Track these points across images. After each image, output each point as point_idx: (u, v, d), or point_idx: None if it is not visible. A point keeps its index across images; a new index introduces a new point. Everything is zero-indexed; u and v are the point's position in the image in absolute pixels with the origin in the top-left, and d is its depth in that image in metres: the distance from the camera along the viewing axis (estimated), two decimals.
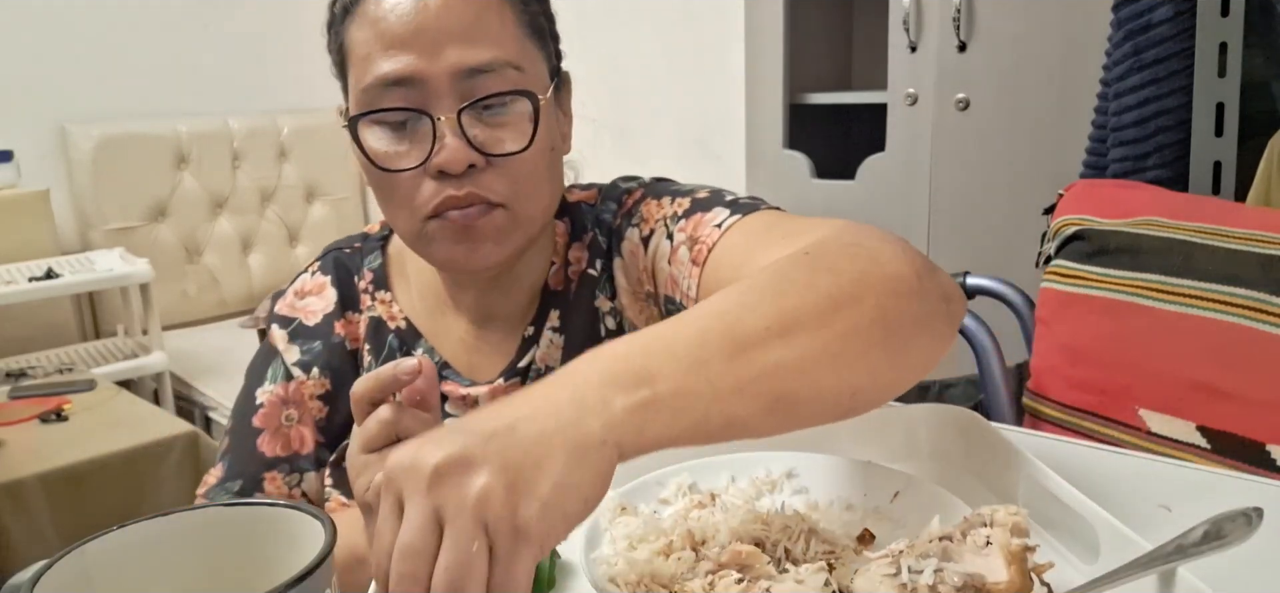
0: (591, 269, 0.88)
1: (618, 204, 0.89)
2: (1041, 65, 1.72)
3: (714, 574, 0.53)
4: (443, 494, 0.43)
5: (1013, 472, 0.64)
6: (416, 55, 0.74)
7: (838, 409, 0.56)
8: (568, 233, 0.90)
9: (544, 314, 0.88)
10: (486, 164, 0.76)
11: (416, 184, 0.77)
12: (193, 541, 0.48)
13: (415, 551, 0.43)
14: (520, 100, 0.76)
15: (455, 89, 0.75)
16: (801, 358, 0.54)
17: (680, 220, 0.80)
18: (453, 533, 0.43)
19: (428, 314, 0.90)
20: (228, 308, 3.50)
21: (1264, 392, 0.93)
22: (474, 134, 0.75)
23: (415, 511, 0.44)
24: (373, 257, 0.93)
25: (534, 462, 0.44)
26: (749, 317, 0.55)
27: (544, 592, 0.58)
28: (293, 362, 0.89)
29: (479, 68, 0.75)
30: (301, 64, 3.70)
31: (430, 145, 0.75)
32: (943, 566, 0.50)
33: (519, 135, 0.76)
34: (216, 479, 0.87)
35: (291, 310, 0.92)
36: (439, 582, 0.42)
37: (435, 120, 0.74)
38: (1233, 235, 1.03)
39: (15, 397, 2.27)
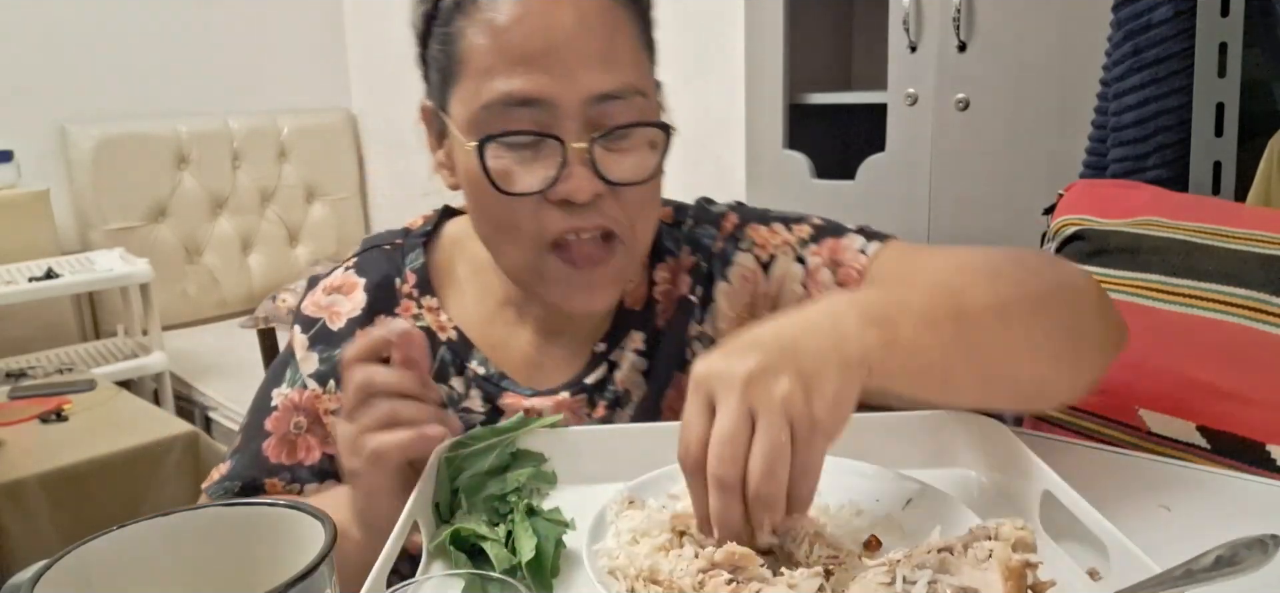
0: (691, 295, 0.86)
1: (715, 227, 0.88)
2: (1041, 65, 1.72)
3: (706, 573, 0.53)
4: (754, 394, 0.53)
5: (1032, 483, 0.64)
6: (550, 76, 0.70)
7: (1024, 396, 0.68)
8: (648, 252, 0.88)
9: (621, 334, 0.86)
10: (608, 191, 0.73)
11: (537, 208, 0.73)
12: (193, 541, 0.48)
13: (734, 436, 0.52)
14: (647, 128, 0.74)
15: (584, 114, 0.71)
16: (1011, 342, 0.65)
17: (809, 245, 0.85)
18: (765, 424, 0.52)
19: (483, 322, 0.86)
20: (228, 308, 3.50)
21: (1264, 392, 0.93)
22: (599, 161, 0.72)
23: (731, 407, 0.53)
24: (414, 256, 0.88)
25: (818, 371, 0.55)
26: (972, 294, 0.66)
27: (547, 580, 0.58)
28: (309, 372, 0.85)
29: (610, 94, 0.72)
30: (301, 64, 3.70)
31: (556, 172, 0.71)
32: (937, 577, 0.50)
33: (643, 164, 0.74)
34: (220, 476, 0.85)
35: (317, 310, 0.87)
36: (756, 462, 0.52)
37: (565, 147, 0.71)
38: (1233, 235, 1.03)
39: (15, 397, 2.26)
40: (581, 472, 0.70)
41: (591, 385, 0.84)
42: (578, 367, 0.85)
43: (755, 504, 0.52)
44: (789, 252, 0.85)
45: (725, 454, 0.53)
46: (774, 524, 0.53)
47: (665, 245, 0.88)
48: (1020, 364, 0.67)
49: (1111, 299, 0.76)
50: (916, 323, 0.61)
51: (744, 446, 0.53)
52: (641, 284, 0.87)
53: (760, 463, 0.52)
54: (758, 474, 0.52)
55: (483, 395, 0.84)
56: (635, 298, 0.87)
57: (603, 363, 0.85)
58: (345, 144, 3.77)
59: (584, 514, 0.61)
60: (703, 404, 0.55)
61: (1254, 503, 0.70)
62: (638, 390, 0.85)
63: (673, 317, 0.86)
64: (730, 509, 0.53)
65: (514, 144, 0.72)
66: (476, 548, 0.60)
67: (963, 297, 0.65)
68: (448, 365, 0.84)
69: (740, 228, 0.88)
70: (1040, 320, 0.68)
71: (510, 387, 0.84)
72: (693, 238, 0.89)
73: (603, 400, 0.84)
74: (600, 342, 0.86)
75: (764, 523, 0.53)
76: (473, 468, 0.66)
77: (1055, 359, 0.70)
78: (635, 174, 0.74)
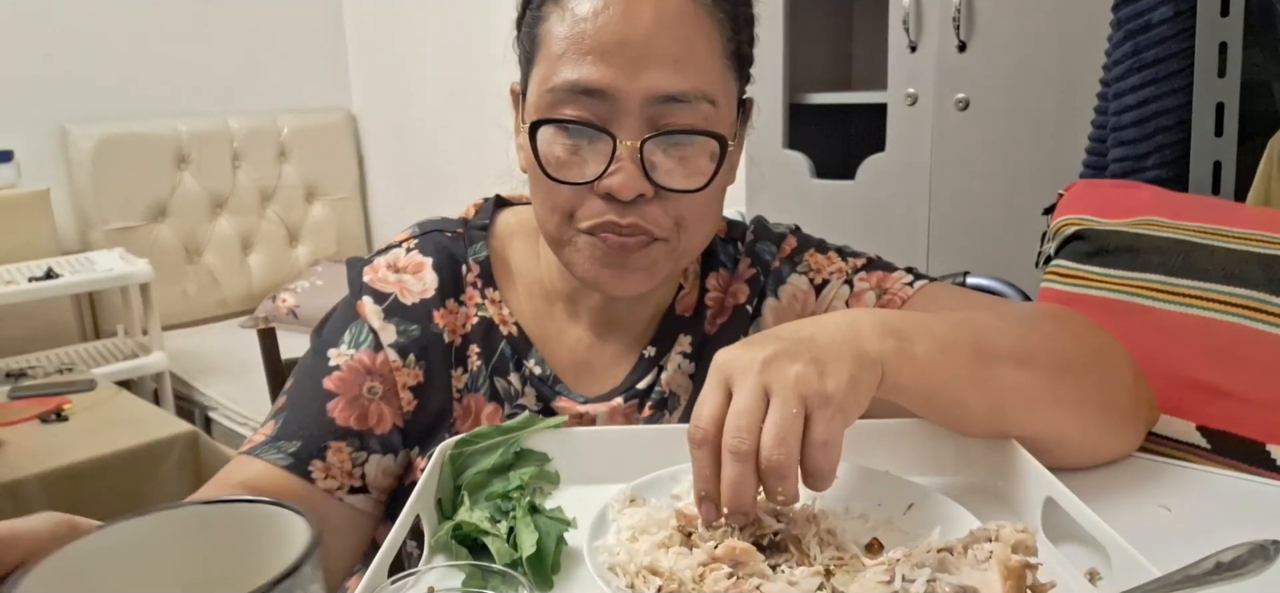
0: (748, 305, 0.87)
1: (775, 245, 0.90)
2: (1041, 65, 1.72)
3: (706, 567, 0.53)
4: (769, 375, 0.57)
5: (1034, 489, 0.64)
6: (615, 69, 0.70)
7: (1043, 446, 0.69)
8: (700, 261, 0.89)
9: (670, 338, 0.86)
10: (655, 194, 0.73)
11: (580, 196, 0.74)
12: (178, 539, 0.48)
13: (749, 410, 0.56)
14: (706, 138, 0.73)
15: (644, 112, 0.71)
16: (1030, 389, 0.68)
17: (861, 272, 0.87)
18: (778, 401, 0.56)
19: (536, 318, 0.86)
20: (228, 308, 3.50)
21: (1264, 392, 0.93)
22: (652, 161, 0.72)
23: (747, 387, 0.57)
24: (478, 247, 0.87)
25: (833, 358, 0.58)
26: (995, 336, 0.69)
27: (548, 576, 0.58)
28: (388, 342, 0.81)
29: (674, 96, 0.71)
30: (301, 64, 3.71)
31: (605, 164, 0.72)
32: (936, 576, 0.50)
33: (696, 173, 0.74)
34: (266, 437, 0.79)
35: (385, 285, 0.84)
36: (768, 432, 0.55)
37: (616, 142, 0.71)
38: (1233, 235, 1.03)
39: (15, 397, 2.26)
40: (585, 472, 0.71)
41: (642, 391, 0.84)
42: (625, 371, 0.85)
43: (767, 473, 0.54)
44: (841, 276, 0.87)
45: (741, 426, 0.55)
46: (787, 494, 0.55)
47: (719, 257, 0.90)
48: (1038, 413, 0.69)
49: (1145, 379, 0.80)
50: (932, 344, 0.64)
51: (758, 419, 0.55)
52: (692, 291, 0.88)
53: (772, 432, 0.55)
54: (769, 443, 0.54)
55: (537, 395, 0.84)
56: (685, 305, 0.88)
57: (653, 368, 0.85)
58: (345, 144, 3.77)
59: (586, 514, 0.61)
60: (718, 386, 0.58)
61: (1254, 503, 0.70)
62: (684, 393, 0.85)
63: (727, 323, 0.87)
64: (744, 479, 0.55)
65: (570, 132, 0.73)
66: (479, 544, 0.60)
67: (986, 334, 0.68)
68: (507, 360, 0.84)
69: (799, 251, 0.90)
70: (1067, 378, 0.70)
71: (564, 392, 0.84)
72: (753, 251, 0.90)
73: (650, 403, 0.84)
74: (649, 346, 0.86)
75: (775, 492, 0.54)
76: (476, 466, 0.66)
77: (1080, 418, 0.72)
78: (687, 182, 0.73)
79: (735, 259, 0.90)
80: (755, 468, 0.55)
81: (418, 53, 3.44)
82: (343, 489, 0.79)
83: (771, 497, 0.55)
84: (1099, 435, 0.74)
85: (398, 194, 3.79)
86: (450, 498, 0.65)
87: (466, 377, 0.83)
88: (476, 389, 0.83)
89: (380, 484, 0.82)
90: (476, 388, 0.83)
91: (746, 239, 0.91)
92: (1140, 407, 0.78)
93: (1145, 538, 0.53)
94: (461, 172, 3.29)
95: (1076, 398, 0.71)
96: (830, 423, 0.56)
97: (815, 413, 0.56)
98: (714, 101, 0.74)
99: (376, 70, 3.72)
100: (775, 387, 0.56)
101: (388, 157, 3.79)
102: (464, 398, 0.83)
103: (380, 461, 0.81)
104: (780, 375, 0.56)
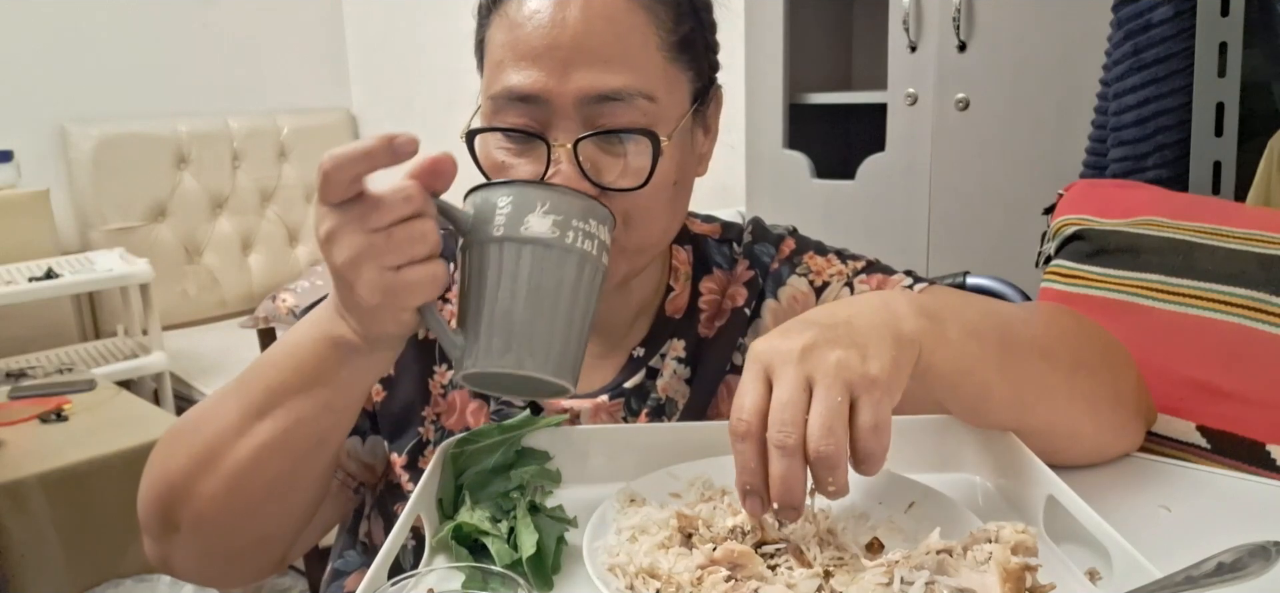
0: (746, 307, 0.87)
1: (774, 247, 0.90)
2: (1041, 65, 1.72)
3: (704, 570, 0.53)
4: (811, 364, 0.55)
5: (1036, 487, 0.64)
6: (545, 73, 0.71)
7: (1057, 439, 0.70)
8: (691, 262, 0.88)
9: (661, 341, 0.85)
10: (599, 193, 0.72)
11: None
12: None
13: (793, 402, 0.54)
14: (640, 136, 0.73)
15: (579, 113, 0.71)
16: (1051, 381, 0.68)
17: (861, 275, 0.87)
18: (822, 390, 0.54)
19: None
20: (228, 308, 3.50)
21: (1264, 392, 0.93)
22: (590, 161, 0.72)
23: (789, 377, 0.55)
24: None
25: (874, 340, 0.57)
26: (1020, 328, 0.69)
27: (548, 576, 0.58)
28: None
29: (607, 94, 0.71)
30: (301, 64, 3.71)
31: (544, 168, 0.72)
32: (935, 578, 0.50)
33: (636, 172, 0.73)
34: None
35: None
36: (815, 423, 0.54)
37: (550, 147, 0.71)
38: (1233, 235, 1.03)
39: (15, 397, 2.26)
40: (586, 471, 0.71)
41: (630, 390, 0.84)
42: (612, 372, 0.85)
43: (816, 465, 0.53)
44: (842, 279, 0.87)
45: (786, 418, 0.54)
46: (838, 485, 0.54)
47: (713, 259, 0.89)
48: (1056, 405, 0.70)
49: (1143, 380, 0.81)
50: (963, 329, 0.64)
51: (803, 411, 0.54)
52: (683, 293, 0.87)
53: (819, 422, 0.54)
54: (816, 434, 0.53)
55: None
56: (676, 306, 0.87)
57: (641, 369, 0.85)
58: (345, 144, 3.77)
59: (587, 513, 0.61)
60: (759, 377, 0.57)
61: (1254, 503, 0.70)
62: (681, 398, 0.85)
63: (725, 325, 0.87)
64: (793, 473, 0.53)
65: (512, 139, 0.73)
66: (479, 544, 0.60)
67: (1011, 325, 0.69)
68: None
69: (797, 253, 0.89)
70: (1083, 373, 0.71)
71: None
72: (751, 253, 0.89)
73: (645, 409, 0.84)
74: (638, 347, 0.85)
75: (826, 483, 0.54)
76: (478, 465, 0.66)
77: (1093, 413, 0.73)
78: (627, 179, 0.72)
79: (732, 261, 0.89)
80: (804, 461, 0.54)
81: (418, 53, 3.44)
82: None
83: (822, 488, 0.54)
84: (1110, 432, 0.75)
85: None
86: (451, 497, 0.65)
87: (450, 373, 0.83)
88: (460, 386, 0.83)
89: (346, 467, 0.83)
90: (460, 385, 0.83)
91: (743, 241, 0.90)
92: (1143, 406, 0.79)
93: (1145, 538, 0.53)
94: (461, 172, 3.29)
95: (1092, 393, 0.72)
96: (878, 406, 0.55)
97: (861, 397, 0.55)
98: (652, 97, 0.73)
99: (376, 70, 3.72)
100: (818, 375, 0.55)
101: None
102: (448, 394, 0.83)
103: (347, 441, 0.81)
104: (822, 363, 0.55)
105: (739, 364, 0.86)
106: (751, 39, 2.12)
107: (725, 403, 0.85)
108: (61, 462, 1.92)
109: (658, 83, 0.74)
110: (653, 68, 0.73)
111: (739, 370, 0.86)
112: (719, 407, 0.85)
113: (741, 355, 0.87)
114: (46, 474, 1.89)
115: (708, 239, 0.90)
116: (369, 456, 0.84)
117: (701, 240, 0.90)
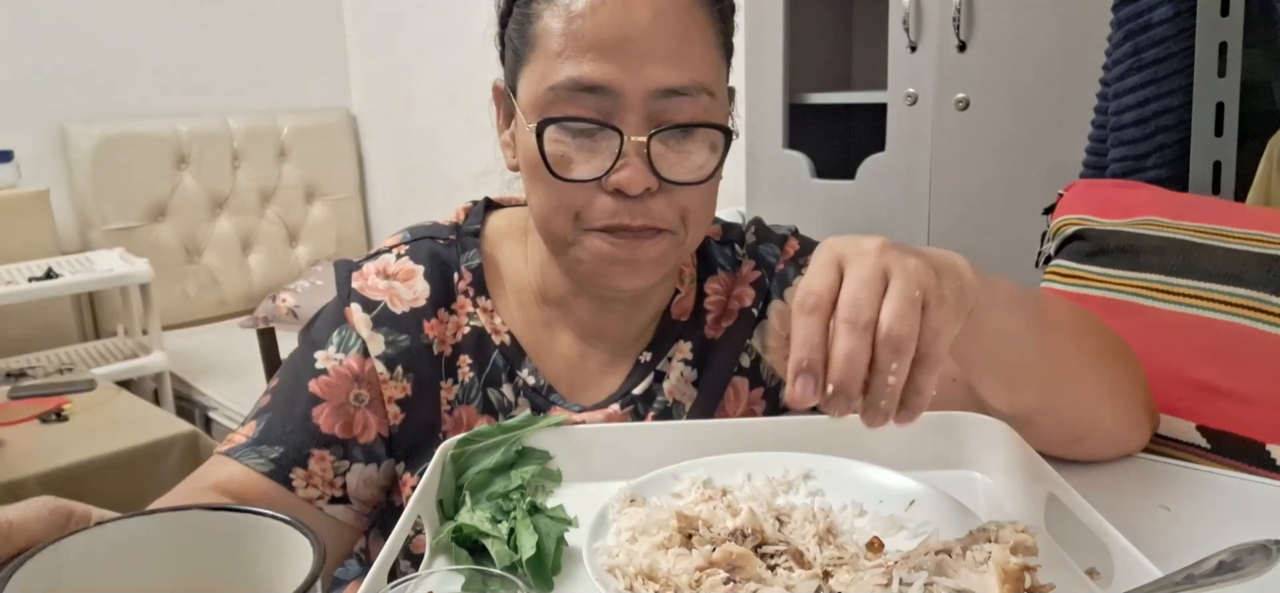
0: (754, 308, 0.87)
1: (778, 247, 0.89)
2: (1041, 65, 1.72)
3: (703, 572, 0.53)
4: (889, 259, 0.53)
5: (1037, 485, 0.64)
6: (617, 66, 0.71)
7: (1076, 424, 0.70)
8: (696, 264, 0.88)
9: (667, 344, 0.85)
10: (660, 187, 0.73)
11: (589, 195, 0.74)
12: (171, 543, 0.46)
13: (870, 284, 0.52)
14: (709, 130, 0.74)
15: (647, 107, 0.72)
16: (1080, 364, 0.69)
17: None
18: (899, 283, 0.52)
19: (527, 326, 0.85)
20: (228, 308, 3.50)
21: (1264, 392, 0.93)
22: (657, 155, 0.72)
23: (867, 265, 0.53)
24: (471, 255, 0.85)
25: (947, 270, 0.56)
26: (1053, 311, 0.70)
27: (548, 577, 0.58)
28: (376, 353, 0.80)
29: (676, 90, 0.72)
30: (301, 64, 3.70)
31: (612, 161, 0.72)
32: (934, 579, 0.50)
33: (701, 165, 0.74)
34: (247, 439, 0.78)
35: (375, 292, 0.82)
36: (890, 305, 0.51)
37: (624, 138, 0.71)
38: (1233, 235, 1.03)
39: (15, 397, 2.26)
40: (587, 470, 0.71)
41: (638, 397, 0.83)
42: (620, 378, 0.85)
43: (884, 347, 0.51)
44: None
45: (860, 297, 0.52)
46: (900, 373, 0.51)
47: (717, 260, 0.89)
48: (1083, 389, 0.70)
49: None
50: (1010, 296, 0.63)
51: (878, 295, 0.52)
52: (689, 295, 0.87)
53: (894, 305, 0.51)
54: (891, 315, 0.51)
55: (531, 406, 0.83)
56: (682, 309, 0.87)
57: (649, 373, 0.84)
58: (345, 144, 3.77)
59: (588, 512, 0.61)
60: (831, 264, 0.54)
61: (1254, 503, 0.70)
62: (688, 401, 0.84)
63: (732, 326, 0.86)
64: (858, 352, 0.51)
65: (574, 130, 0.73)
66: (479, 545, 0.60)
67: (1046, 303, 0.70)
68: (500, 371, 0.83)
69: (802, 254, 0.89)
70: (1108, 361, 0.72)
71: (559, 401, 0.83)
72: (756, 253, 0.89)
73: (651, 412, 0.84)
74: (645, 351, 0.85)
75: (889, 367, 0.51)
76: (478, 465, 0.66)
77: (1114, 402, 0.73)
78: (691, 174, 0.74)
79: (735, 262, 0.89)
80: (871, 344, 0.51)
81: (418, 53, 3.44)
82: (323, 499, 0.78)
83: (884, 371, 0.51)
84: (1127, 425, 0.75)
85: (398, 194, 3.79)
86: (452, 498, 0.65)
87: (458, 388, 0.82)
88: (469, 401, 0.82)
89: (362, 495, 0.80)
90: (469, 399, 0.82)
91: (747, 241, 0.90)
92: (1151, 406, 0.80)
93: (1146, 538, 0.53)
94: (461, 172, 3.29)
95: (1114, 382, 0.73)
96: (946, 315, 0.53)
97: (931, 305, 0.52)
98: (712, 93, 0.75)
99: (376, 70, 3.72)
100: (896, 270, 0.53)
101: (388, 157, 3.79)
102: (455, 410, 0.82)
103: (363, 470, 0.80)
104: (900, 262, 0.53)
105: (746, 366, 0.86)
106: (751, 39, 2.12)
107: (732, 405, 0.85)
108: (61, 462, 1.92)
109: (715, 80, 0.76)
110: (711, 64, 0.75)
111: (746, 372, 0.86)
112: (726, 409, 0.85)
113: (748, 357, 0.87)
114: (46, 474, 1.89)
115: (710, 240, 0.90)
116: (384, 478, 0.82)
117: (705, 242, 0.90)
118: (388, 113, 3.71)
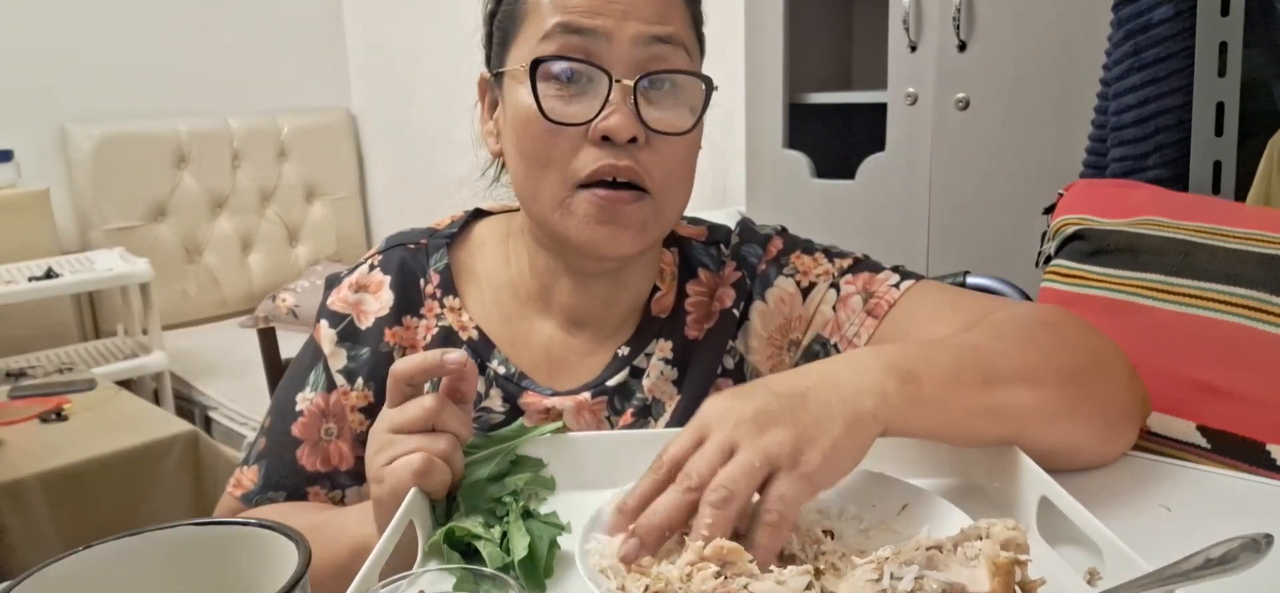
0: (734, 309, 0.87)
1: (761, 248, 0.90)
2: (1041, 65, 1.72)
3: (693, 567, 0.53)
4: (743, 433, 0.56)
5: (1029, 489, 0.64)
6: (604, 14, 0.75)
7: (1055, 457, 0.68)
8: (676, 263, 0.89)
9: (646, 340, 0.86)
10: (647, 141, 0.76)
11: (576, 147, 0.76)
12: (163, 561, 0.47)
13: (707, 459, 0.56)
14: (691, 82, 0.78)
15: (634, 56, 0.75)
16: (1041, 406, 0.67)
17: (847, 274, 0.87)
18: (742, 456, 0.55)
19: (503, 320, 0.86)
20: (228, 308, 3.50)
21: (1264, 392, 0.93)
22: (642, 106, 0.76)
23: (718, 435, 0.57)
24: (438, 257, 0.88)
25: (818, 424, 0.57)
26: (1000, 360, 0.67)
27: (540, 579, 0.58)
28: (338, 369, 0.85)
29: (661, 37, 0.76)
30: (301, 64, 3.71)
31: (600, 107, 0.75)
32: (924, 573, 0.50)
33: (684, 119, 0.78)
34: (254, 485, 0.84)
35: (345, 306, 0.87)
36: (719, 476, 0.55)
37: (612, 81, 0.75)
38: (1233, 235, 1.03)
39: (15, 397, 2.26)
40: (580, 478, 0.70)
41: (613, 388, 0.84)
42: (597, 368, 0.85)
43: (703, 503, 0.54)
44: (827, 279, 0.87)
45: (698, 466, 0.56)
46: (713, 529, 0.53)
47: (699, 261, 0.89)
48: (1052, 427, 0.69)
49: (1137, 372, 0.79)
50: (941, 380, 0.63)
51: (717, 464, 0.56)
52: (669, 293, 0.88)
53: (723, 473, 0.55)
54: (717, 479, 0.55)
55: (503, 395, 0.84)
56: (661, 306, 0.87)
57: (625, 367, 0.85)
58: (345, 144, 3.77)
59: (581, 519, 0.61)
60: (694, 430, 0.59)
61: (1254, 503, 0.70)
62: (669, 400, 0.85)
63: (713, 327, 0.87)
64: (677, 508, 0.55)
65: (563, 77, 0.76)
66: (471, 549, 0.60)
67: (991, 359, 0.67)
68: None
69: (784, 254, 0.89)
70: (1073, 388, 0.70)
71: (530, 386, 0.84)
72: (739, 254, 0.89)
73: (630, 408, 0.84)
74: (624, 345, 0.85)
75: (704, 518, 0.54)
76: (472, 475, 0.66)
77: (1089, 426, 0.72)
78: (673, 124, 0.77)
79: (719, 263, 0.89)
80: (692, 504, 0.55)
81: (418, 53, 3.44)
82: None
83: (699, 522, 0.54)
84: (1107, 439, 0.75)
85: (397, 194, 3.79)
86: (444, 508, 0.65)
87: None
88: None
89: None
90: None
91: (731, 243, 0.90)
92: (1136, 403, 0.78)
93: (1145, 538, 0.53)
94: (461, 172, 3.29)
95: (1085, 407, 0.71)
96: (793, 488, 0.55)
97: (780, 474, 0.55)
98: (690, 53, 0.79)
99: (376, 70, 3.72)
100: (745, 443, 0.56)
101: (388, 156, 3.79)
102: None
103: (359, 490, 0.85)
104: (754, 434, 0.56)
105: (730, 367, 0.87)
106: (751, 39, 2.12)
107: None
108: (61, 462, 1.92)
109: (693, 48, 0.80)
110: (689, 39, 0.79)
111: (730, 373, 0.86)
112: None
113: (732, 359, 0.87)
114: (46, 474, 1.89)
115: (693, 242, 0.91)
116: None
117: (687, 243, 0.90)
118: (388, 113, 3.71)
